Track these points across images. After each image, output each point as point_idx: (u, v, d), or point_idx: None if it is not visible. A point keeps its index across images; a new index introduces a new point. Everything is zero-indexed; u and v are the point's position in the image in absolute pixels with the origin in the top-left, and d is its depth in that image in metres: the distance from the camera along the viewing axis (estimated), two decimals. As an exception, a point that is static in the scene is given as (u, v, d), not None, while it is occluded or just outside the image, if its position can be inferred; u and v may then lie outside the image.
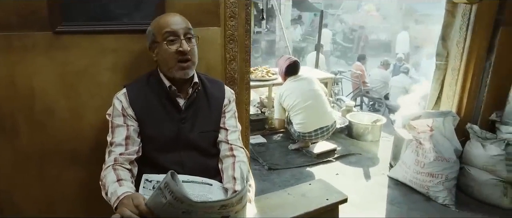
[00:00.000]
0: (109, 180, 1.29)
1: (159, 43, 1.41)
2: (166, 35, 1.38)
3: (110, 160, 1.35)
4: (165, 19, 1.42)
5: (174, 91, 1.45)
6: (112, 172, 1.31)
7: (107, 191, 1.26)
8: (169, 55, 1.39)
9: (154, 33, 1.42)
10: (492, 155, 2.66)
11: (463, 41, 2.81)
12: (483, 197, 2.73)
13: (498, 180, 2.66)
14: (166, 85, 1.45)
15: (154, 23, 1.45)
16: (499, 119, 2.92)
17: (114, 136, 1.40)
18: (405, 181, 2.95)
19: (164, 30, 1.39)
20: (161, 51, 1.41)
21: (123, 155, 1.37)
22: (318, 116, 3.46)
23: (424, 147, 2.78)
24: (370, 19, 12.31)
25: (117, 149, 1.38)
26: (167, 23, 1.40)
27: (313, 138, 3.51)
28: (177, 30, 1.39)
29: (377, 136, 3.98)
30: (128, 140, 1.39)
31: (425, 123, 2.84)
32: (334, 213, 1.97)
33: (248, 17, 1.97)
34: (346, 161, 3.49)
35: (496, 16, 2.74)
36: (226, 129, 1.56)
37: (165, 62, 1.42)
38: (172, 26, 1.39)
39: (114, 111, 1.43)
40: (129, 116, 1.42)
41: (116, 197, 1.20)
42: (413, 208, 2.68)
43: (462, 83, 2.90)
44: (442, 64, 3.02)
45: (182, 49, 1.38)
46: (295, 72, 3.57)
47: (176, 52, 1.39)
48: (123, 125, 1.40)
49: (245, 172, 1.45)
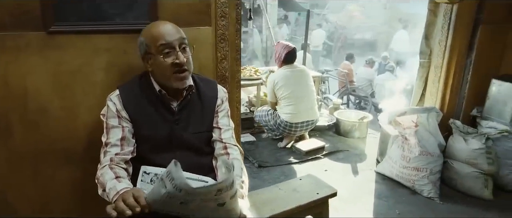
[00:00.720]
0: (106, 177, 1.31)
1: (153, 55, 1.39)
2: (161, 48, 1.36)
3: (106, 160, 1.37)
4: (158, 30, 1.39)
5: (164, 95, 1.46)
6: (109, 170, 1.33)
7: (105, 187, 1.28)
8: (166, 68, 1.38)
9: (147, 44, 1.40)
10: (474, 148, 2.77)
11: (445, 39, 2.91)
12: (465, 189, 2.83)
13: (479, 173, 2.76)
14: (156, 89, 1.46)
15: (146, 33, 1.42)
16: (479, 114, 3.04)
17: (109, 136, 1.41)
18: (391, 175, 3.03)
19: (158, 43, 1.36)
20: (156, 63, 1.39)
21: (118, 155, 1.39)
22: (306, 110, 3.53)
23: (409, 142, 2.87)
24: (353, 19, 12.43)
25: (113, 149, 1.39)
26: (161, 35, 1.37)
27: (297, 130, 3.58)
28: (172, 42, 1.37)
29: (364, 133, 4.07)
30: (123, 140, 1.41)
31: (410, 119, 2.93)
32: (324, 206, 2.03)
33: (238, 17, 2.01)
34: (334, 158, 3.57)
35: (476, 15, 2.85)
36: (219, 127, 1.59)
37: (162, 74, 1.41)
38: (166, 38, 1.37)
39: (109, 112, 1.44)
40: (123, 117, 1.44)
41: (115, 192, 1.23)
42: (399, 202, 2.77)
43: (444, 80, 3.00)
44: (425, 62, 3.12)
45: (179, 62, 1.37)
46: (293, 60, 3.58)
47: (172, 65, 1.38)
48: (118, 126, 1.42)
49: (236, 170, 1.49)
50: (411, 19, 7.80)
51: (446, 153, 2.92)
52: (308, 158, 3.51)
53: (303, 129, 3.61)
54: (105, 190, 1.28)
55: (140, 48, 1.44)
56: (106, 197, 1.28)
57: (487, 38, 2.92)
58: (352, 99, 6.99)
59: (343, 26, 12.08)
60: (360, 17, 12.56)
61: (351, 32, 11.90)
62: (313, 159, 3.51)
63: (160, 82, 1.46)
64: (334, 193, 2.02)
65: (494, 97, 2.91)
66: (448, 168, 2.90)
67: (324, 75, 6.63)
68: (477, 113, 3.07)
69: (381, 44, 10.58)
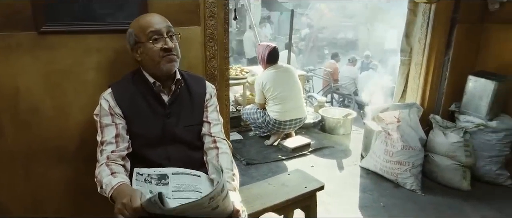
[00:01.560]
0: (103, 175, 1.34)
1: (143, 43, 1.45)
2: (150, 35, 1.44)
3: (103, 158, 1.40)
4: (146, 19, 1.47)
5: (158, 87, 1.51)
6: (106, 168, 1.37)
7: (102, 184, 1.31)
8: (155, 53, 1.45)
9: (136, 34, 1.46)
10: (452, 142, 2.89)
11: (424, 37, 3.03)
12: (445, 181, 2.96)
13: (458, 165, 2.89)
14: (150, 81, 1.51)
15: (134, 24, 1.49)
16: (457, 109, 3.17)
17: (104, 135, 1.44)
18: (375, 170, 3.13)
19: (148, 30, 1.43)
20: (146, 50, 1.46)
21: (115, 152, 1.42)
22: (294, 108, 3.61)
23: (392, 137, 2.97)
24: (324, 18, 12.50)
25: (108, 147, 1.42)
26: (150, 23, 1.45)
27: (286, 127, 3.65)
28: (160, 29, 1.45)
29: (348, 129, 4.18)
30: (118, 137, 1.44)
31: (393, 115, 3.03)
32: (312, 199, 2.10)
33: (226, 16, 2.05)
34: (320, 154, 3.65)
35: (452, 14, 2.98)
36: (209, 122, 1.64)
37: (151, 60, 1.47)
38: (155, 26, 1.44)
39: (102, 111, 1.47)
40: (117, 115, 1.47)
41: (110, 187, 1.26)
42: (383, 195, 2.86)
43: (424, 77, 3.12)
44: (406, 59, 3.23)
45: (167, 46, 1.45)
46: (276, 59, 3.65)
47: (161, 49, 1.45)
48: (111, 123, 1.45)
49: (225, 163, 1.54)
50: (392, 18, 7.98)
51: (427, 146, 3.03)
52: (294, 155, 3.58)
53: (292, 126, 3.68)
54: (103, 187, 1.31)
55: (130, 40, 1.49)
56: (104, 194, 1.31)
57: (463, 37, 3.05)
58: (335, 97, 7.12)
59: (312, 25, 12.18)
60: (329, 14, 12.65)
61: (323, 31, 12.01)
62: (299, 155, 3.59)
63: (151, 72, 1.50)
64: (322, 186, 2.09)
65: (470, 92, 3.04)
66: (429, 161, 3.01)
67: (308, 74, 6.73)
68: (455, 108, 3.20)
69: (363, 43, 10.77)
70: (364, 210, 2.67)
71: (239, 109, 4.46)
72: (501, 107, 3.04)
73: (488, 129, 2.93)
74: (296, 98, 3.64)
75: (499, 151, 2.94)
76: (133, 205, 1.15)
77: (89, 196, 1.77)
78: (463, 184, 2.90)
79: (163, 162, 1.50)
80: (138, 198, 1.16)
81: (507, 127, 2.92)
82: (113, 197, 1.26)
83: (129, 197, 1.17)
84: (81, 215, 1.81)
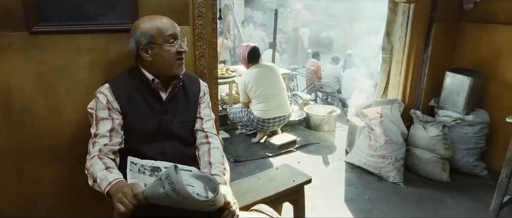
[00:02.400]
0: (96, 168, 1.36)
1: (159, 44, 1.50)
2: (168, 38, 1.51)
3: (95, 150, 1.43)
4: (163, 22, 1.53)
5: (157, 84, 1.56)
6: (98, 161, 1.39)
7: (96, 178, 1.33)
8: (171, 55, 1.52)
9: (152, 35, 1.49)
10: (432, 136, 3.02)
11: (404, 36, 3.15)
12: (426, 174, 3.09)
13: (438, 158, 3.02)
14: (150, 79, 1.55)
15: (149, 26, 1.50)
16: (436, 104, 3.31)
17: (99, 128, 1.47)
18: (360, 164, 3.24)
19: (167, 33, 1.50)
20: (161, 52, 1.51)
21: (107, 146, 1.45)
22: (278, 105, 3.68)
23: (375, 132, 3.08)
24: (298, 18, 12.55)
25: (102, 140, 1.45)
26: (168, 27, 1.52)
27: (270, 125, 3.72)
28: (176, 33, 1.54)
29: (333, 126, 4.28)
30: (112, 132, 1.47)
31: (375, 110, 3.14)
32: (300, 193, 2.17)
33: (214, 16, 2.11)
34: (306, 150, 3.74)
35: (430, 14, 3.11)
36: (201, 118, 1.70)
37: (166, 61, 1.52)
38: (173, 30, 1.53)
39: (98, 104, 1.49)
40: (114, 109, 1.50)
41: (107, 183, 1.29)
42: (368, 188, 2.97)
43: (405, 74, 3.24)
44: (387, 57, 3.35)
45: (183, 50, 1.54)
46: (257, 58, 3.72)
47: (177, 52, 1.53)
48: (108, 117, 1.48)
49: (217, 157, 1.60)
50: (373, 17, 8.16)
51: (408, 141, 3.16)
52: (281, 152, 3.65)
53: (276, 124, 3.76)
54: (96, 181, 1.33)
55: (142, 39, 1.49)
56: (97, 188, 1.33)
57: (441, 35, 3.19)
58: (319, 95, 7.25)
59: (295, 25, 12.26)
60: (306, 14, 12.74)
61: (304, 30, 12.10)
62: (286, 152, 3.66)
63: (156, 72, 1.54)
64: (309, 180, 2.17)
65: (448, 88, 3.18)
66: (411, 155, 3.14)
67: (292, 73, 6.83)
68: (434, 103, 3.34)
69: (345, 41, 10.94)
70: (350, 203, 2.76)
71: (225, 107, 4.50)
72: (477, 102, 3.19)
73: (465, 122, 3.07)
74: (279, 96, 3.71)
75: (475, 143, 3.09)
76: (134, 191, 1.19)
77: (82, 194, 1.81)
78: (443, 176, 3.03)
79: (158, 157, 1.54)
80: (139, 186, 1.21)
81: (482, 120, 3.07)
82: (110, 192, 1.28)
83: (130, 186, 1.21)
84: (74, 213, 1.83)
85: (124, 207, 1.19)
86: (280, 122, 3.77)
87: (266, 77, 3.65)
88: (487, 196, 2.52)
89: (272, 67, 3.79)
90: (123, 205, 1.19)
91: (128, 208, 1.19)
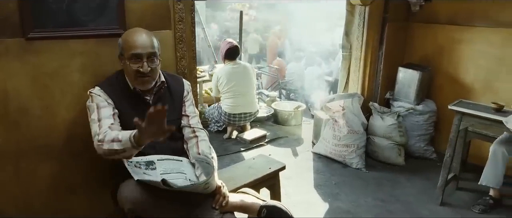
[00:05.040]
0: (113, 133, 1.48)
1: (125, 58, 1.63)
2: (131, 56, 1.60)
3: (104, 129, 1.52)
4: (134, 39, 1.61)
5: (138, 92, 1.70)
6: (111, 132, 1.50)
7: (116, 137, 1.45)
8: (131, 72, 1.63)
9: (122, 47, 1.64)
10: (388, 125, 3.37)
11: (361, 35, 3.47)
12: (385, 159, 3.43)
13: (394, 144, 3.37)
14: (131, 87, 1.69)
15: (124, 39, 1.64)
16: (391, 96, 3.68)
17: (101, 113, 1.57)
18: (326, 153, 3.53)
19: (130, 52, 1.60)
20: (125, 66, 1.64)
21: (113, 125, 1.57)
22: (246, 103, 3.91)
23: (339, 124, 3.38)
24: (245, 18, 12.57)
25: (107, 121, 1.56)
26: (134, 45, 1.60)
27: (237, 120, 3.94)
28: (141, 54, 1.60)
29: (299, 120, 4.56)
30: (114, 115, 1.61)
31: (338, 104, 3.44)
32: (276, 179, 2.40)
33: (193, 20, 2.28)
34: (276, 144, 3.99)
35: (383, 14, 3.46)
36: (187, 115, 1.87)
37: (130, 75, 1.66)
38: (137, 50, 1.59)
39: (96, 98, 1.61)
40: (111, 103, 1.64)
41: (129, 133, 1.43)
42: (334, 174, 3.26)
43: (363, 70, 3.57)
44: (347, 55, 3.66)
45: (142, 70, 1.60)
46: (234, 56, 3.90)
47: (136, 71, 1.61)
48: (108, 106, 1.61)
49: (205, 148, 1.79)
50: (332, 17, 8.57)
51: (368, 130, 3.49)
52: (252, 146, 3.87)
53: (242, 119, 3.97)
54: (117, 139, 1.44)
55: (119, 48, 1.67)
56: (116, 145, 1.43)
57: (393, 34, 3.55)
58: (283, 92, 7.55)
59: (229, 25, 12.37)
60: (251, 15, 12.84)
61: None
62: (257, 146, 3.89)
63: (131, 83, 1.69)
64: (283, 166, 2.40)
65: (401, 82, 3.55)
66: (371, 143, 3.47)
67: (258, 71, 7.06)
68: (389, 96, 3.70)
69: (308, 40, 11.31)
70: (319, 188, 3.04)
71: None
72: (425, 93, 3.59)
73: (416, 112, 3.45)
74: (248, 94, 3.92)
75: (425, 130, 3.48)
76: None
77: (76, 190, 1.94)
78: (399, 160, 3.39)
79: (150, 152, 1.69)
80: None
81: (430, 109, 3.47)
82: (136, 135, 1.39)
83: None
84: (69, 208, 1.93)
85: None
86: (246, 118, 3.98)
87: (238, 74, 3.85)
88: (436, 175, 2.88)
89: (246, 67, 3.99)
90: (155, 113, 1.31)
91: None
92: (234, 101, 3.83)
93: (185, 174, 1.70)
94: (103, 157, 1.50)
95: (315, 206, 2.76)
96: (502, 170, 2.53)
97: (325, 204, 2.79)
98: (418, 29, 3.64)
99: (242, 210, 1.69)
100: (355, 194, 2.92)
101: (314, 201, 2.85)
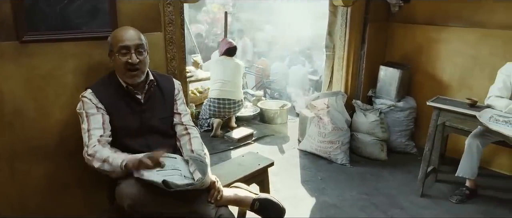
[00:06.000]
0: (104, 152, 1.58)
1: (114, 53, 1.70)
2: (119, 48, 1.68)
3: (94, 141, 1.60)
4: (121, 33, 1.70)
5: (131, 90, 1.76)
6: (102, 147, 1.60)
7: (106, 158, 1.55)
8: (121, 65, 1.69)
9: (111, 43, 1.71)
10: (371, 121, 3.50)
11: (344, 35, 3.58)
12: (368, 154, 3.56)
13: (377, 140, 3.51)
14: (124, 85, 1.75)
15: (113, 34, 1.73)
16: (373, 94, 3.81)
17: (90, 122, 1.64)
18: (312, 150, 3.63)
19: (118, 45, 1.68)
20: (115, 60, 1.71)
21: (103, 137, 1.64)
22: (230, 91, 4.11)
23: (323, 121, 3.49)
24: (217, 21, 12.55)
25: (97, 132, 1.63)
26: (122, 38, 1.68)
27: (221, 108, 4.08)
28: (129, 45, 1.68)
29: (285, 119, 4.67)
30: (104, 124, 1.67)
31: (323, 102, 3.55)
32: (265, 175, 2.48)
33: (182, 22, 2.35)
34: (263, 142, 4.08)
35: (364, 15, 3.58)
36: (179, 113, 1.94)
37: (119, 69, 1.72)
38: (125, 42, 1.68)
39: (86, 105, 1.67)
40: (100, 109, 1.69)
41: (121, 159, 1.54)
42: (320, 170, 3.37)
43: (346, 68, 3.68)
44: (330, 54, 3.77)
45: (131, 61, 1.68)
46: (231, 55, 4.22)
47: (126, 63, 1.68)
48: (97, 112, 1.67)
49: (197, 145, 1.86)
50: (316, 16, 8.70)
51: (352, 127, 3.61)
52: (240, 144, 3.95)
53: (227, 107, 4.10)
54: (107, 161, 1.54)
55: (109, 46, 1.73)
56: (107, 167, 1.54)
57: (374, 33, 3.69)
58: (268, 92, 7.64)
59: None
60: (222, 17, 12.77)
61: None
62: (244, 144, 3.96)
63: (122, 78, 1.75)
64: (272, 163, 2.48)
65: (382, 80, 3.68)
66: (354, 139, 3.60)
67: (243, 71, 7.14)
68: (372, 93, 3.84)
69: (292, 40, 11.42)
70: (306, 184, 3.14)
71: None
72: (406, 91, 3.74)
73: (397, 108, 3.60)
74: (233, 84, 4.13)
75: (406, 126, 3.63)
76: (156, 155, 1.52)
77: (69, 189, 1.97)
78: (381, 155, 3.53)
79: (144, 150, 1.75)
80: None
81: (410, 106, 3.62)
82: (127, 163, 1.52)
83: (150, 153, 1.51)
84: (62, 208, 1.96)
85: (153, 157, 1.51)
86: (230, 106, 4.11)
87: (227, 65, 4.12)
88: (416, 169, 3.01)
89: (237, 63, 4.22)
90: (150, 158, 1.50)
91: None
92: (220, 86, 4.09)
93: (180, 170, 1.76)
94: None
95: (303, 201, 2.86)
96: (477, 162, 2.69)
97: (312, 199, 2.89)
98: (398, 29, 3.80)
99: (236, 204, 1.77)
100: (340, 189, 3.03)
101: (302, 196, 2.94)
